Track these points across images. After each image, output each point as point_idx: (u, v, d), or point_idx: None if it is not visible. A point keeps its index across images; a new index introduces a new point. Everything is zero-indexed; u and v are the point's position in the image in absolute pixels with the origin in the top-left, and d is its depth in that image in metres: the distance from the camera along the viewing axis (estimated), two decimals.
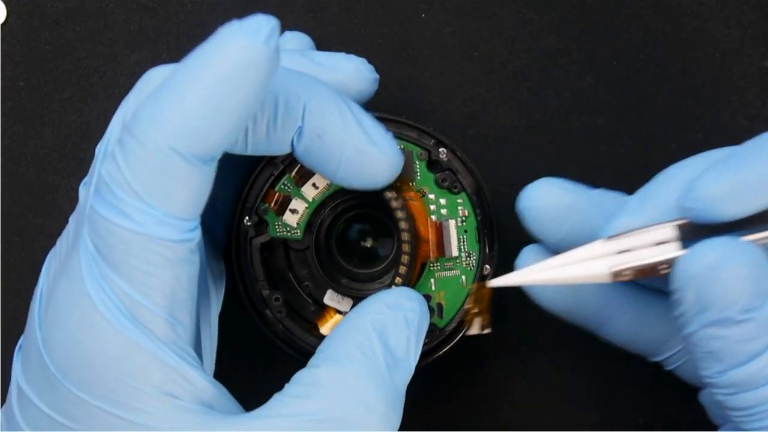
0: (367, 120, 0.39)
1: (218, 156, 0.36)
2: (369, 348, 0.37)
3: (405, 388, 0.38)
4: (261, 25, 0.34)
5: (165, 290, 0.36)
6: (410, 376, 0.38)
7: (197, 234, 0.36)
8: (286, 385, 0.37)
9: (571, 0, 0.48)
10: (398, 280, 0.41)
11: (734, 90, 0.48)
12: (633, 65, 0.48)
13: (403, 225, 0.41)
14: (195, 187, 0.35)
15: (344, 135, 0.39)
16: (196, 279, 0.37)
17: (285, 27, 0.48)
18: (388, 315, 0.38)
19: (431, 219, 0.42)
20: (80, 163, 0.48)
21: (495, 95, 0.48)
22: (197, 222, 0.36)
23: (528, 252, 0.42)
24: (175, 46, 0.48)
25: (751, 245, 0.35)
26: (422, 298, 0.40)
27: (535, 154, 0.48)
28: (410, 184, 0.42)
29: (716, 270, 0.34)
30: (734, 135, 0.48)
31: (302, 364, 0.42)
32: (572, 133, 0.48)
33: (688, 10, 0.48)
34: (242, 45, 0.34)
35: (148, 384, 0.35)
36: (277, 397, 0.36)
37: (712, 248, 0.35)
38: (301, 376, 0.37)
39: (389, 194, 0.40)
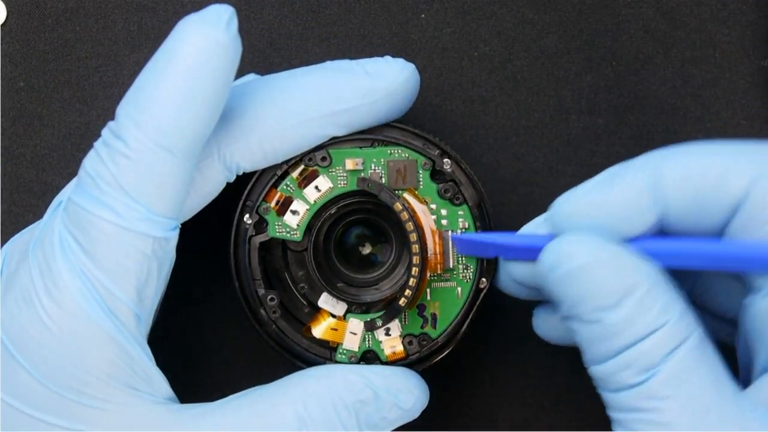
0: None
1: (197, 151, 0.37)
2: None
3: None
4: (219, 13, 0.36)
5: (138, 285, 0.37)
6: None
7: (176, 234, 0.38)
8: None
9: (571, 0, 0.48)
10: (408, 292, 0.41)
11: (734, 90, 0.48)
12: (633, 65, 0.48)
13: (413, 237, 0.40)
14: (177, 183, 0.37)
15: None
16: (164, 278, 0.38)
17: (285, 28, 0.48)
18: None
19: (439, 232, 0.42)
20: (79, 163, 0.48)
21: (495, 95, 0.48)
22: (178, 223, 0.38)
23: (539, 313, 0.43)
24: None
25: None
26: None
27: (535, 154, 0.48)
28: (416, 192, 0.42)
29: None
30: (734, 135, 0.48)
31: (292, 365, 0.42)
32: (572, 133, 0.48)
33: (687, 10, 0.48)
34: (205, 34, 0.35)
35: (113, 377, 0.36)
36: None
37: (564, 243, 0.36)
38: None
39: (398, 206, 0.40)
